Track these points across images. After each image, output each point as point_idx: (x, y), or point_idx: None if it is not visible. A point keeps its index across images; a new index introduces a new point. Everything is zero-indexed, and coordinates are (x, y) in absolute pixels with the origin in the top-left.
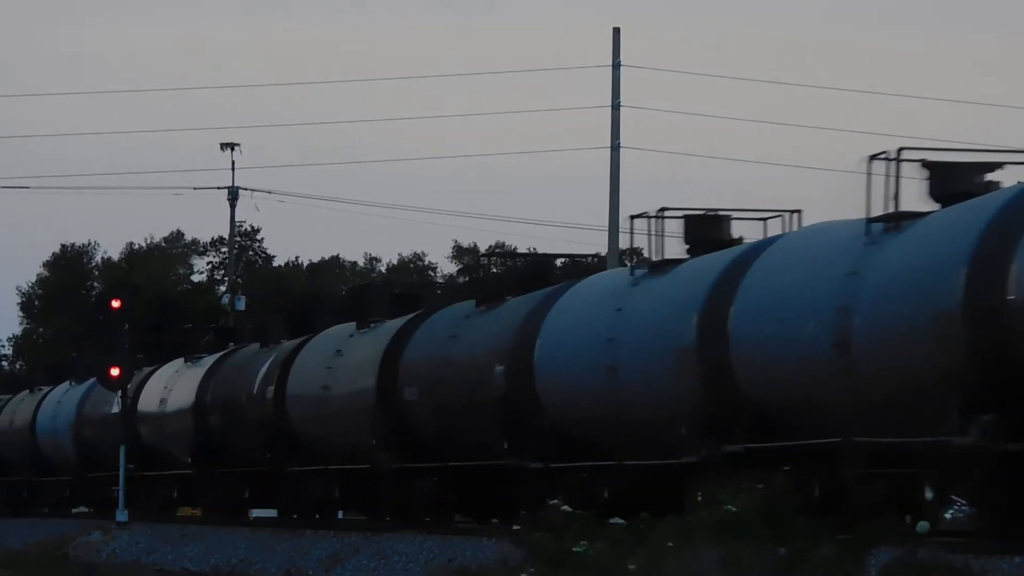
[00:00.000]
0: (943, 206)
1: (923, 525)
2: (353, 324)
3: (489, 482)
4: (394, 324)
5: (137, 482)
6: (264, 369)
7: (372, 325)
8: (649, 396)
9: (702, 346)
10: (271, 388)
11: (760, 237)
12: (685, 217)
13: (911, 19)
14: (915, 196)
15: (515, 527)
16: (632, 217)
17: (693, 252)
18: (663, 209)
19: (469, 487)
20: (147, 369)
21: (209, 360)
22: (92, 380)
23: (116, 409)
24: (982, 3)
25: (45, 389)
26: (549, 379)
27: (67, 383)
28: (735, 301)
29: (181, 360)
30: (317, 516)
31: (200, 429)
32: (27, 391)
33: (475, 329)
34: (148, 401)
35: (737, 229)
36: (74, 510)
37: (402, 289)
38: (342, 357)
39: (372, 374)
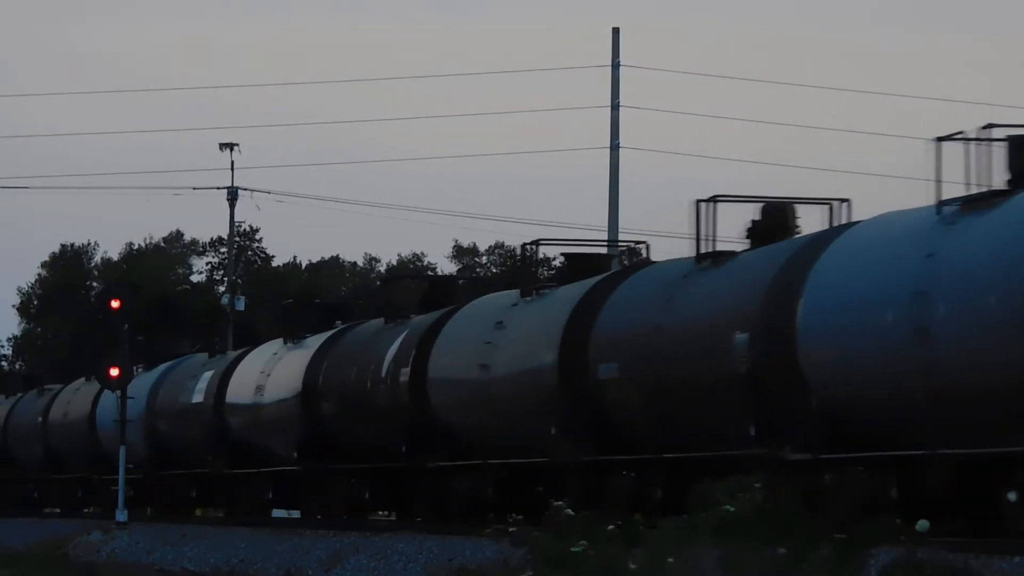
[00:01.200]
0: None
1: (923, 524)
2: (514, 292)
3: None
4: (576, 289)
5: (226, 480)
6: (395, 348)
7: (542, 292)
8: (977, 363)
9: None
10: (405, 370)
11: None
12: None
13: (911, 19)
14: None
15: (510, 528)
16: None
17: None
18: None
19: (686, 484)
20: (232, 353)
21: (317, 340)
22: (163, 367)
23: (199, 399)
24: (982, 3)
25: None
26: (819, 348)
27: (138, 368)
28: None
29: (279, 341)
30: (469, 522)
31: (309, 420)
32: (83, 379)
33: (700, 289)
34: (240, 390)
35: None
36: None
37: (572, 249)
38: (505, 330)
39: (551, 349)
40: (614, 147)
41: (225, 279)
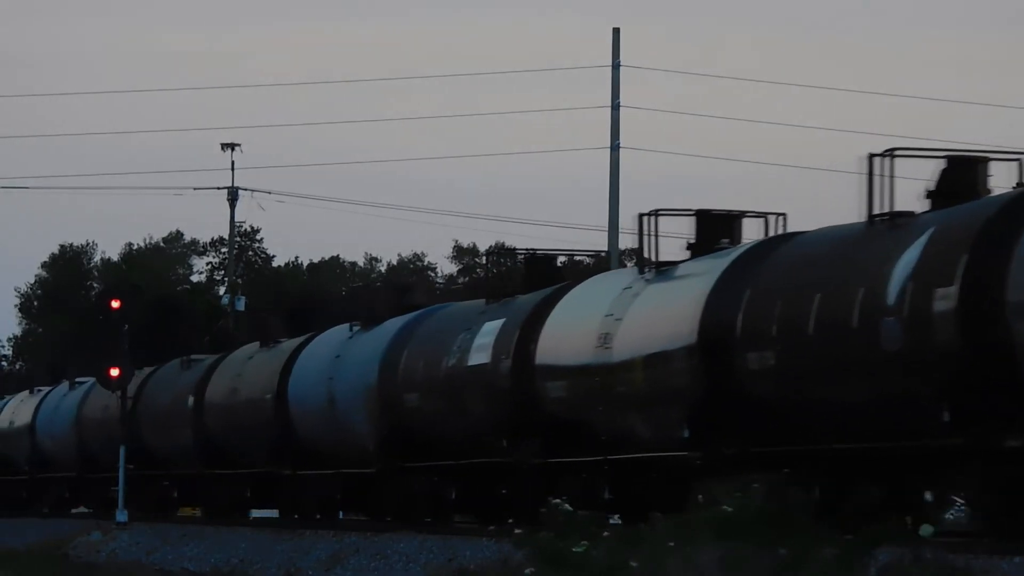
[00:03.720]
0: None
1: (926, 529)
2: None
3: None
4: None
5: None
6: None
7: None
8: None
9: None
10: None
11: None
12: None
13: (911, 19)
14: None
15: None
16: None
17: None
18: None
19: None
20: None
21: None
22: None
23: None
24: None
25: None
26: None
27: (176, 362)
28: None
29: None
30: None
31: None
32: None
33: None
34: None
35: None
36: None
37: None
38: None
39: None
40: (614, 147)
41: (225, 279)
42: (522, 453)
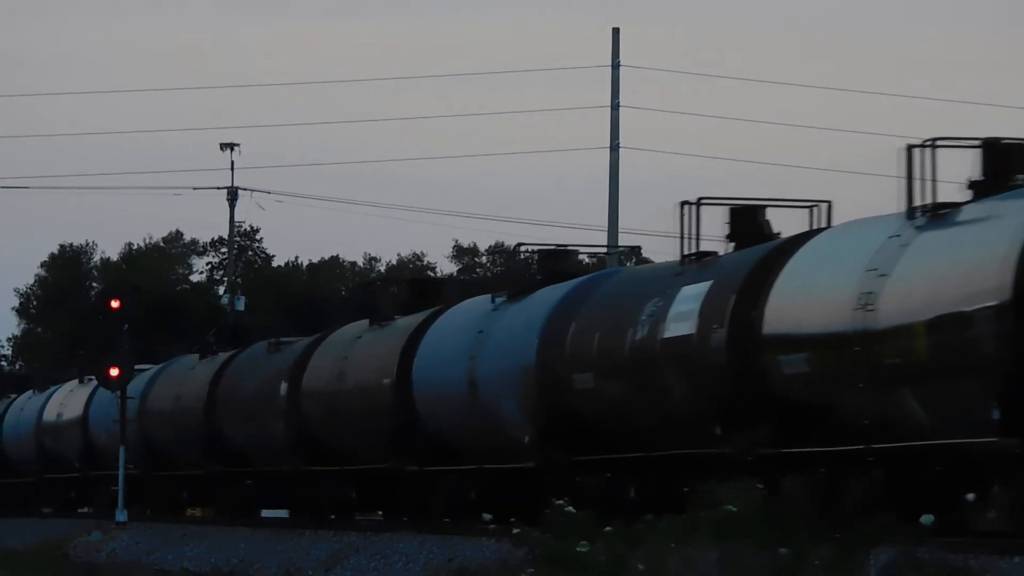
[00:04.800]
0: None
1: (927, 518)
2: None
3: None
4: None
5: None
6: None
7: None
8: None
9: None
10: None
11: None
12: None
13: (911, 19)
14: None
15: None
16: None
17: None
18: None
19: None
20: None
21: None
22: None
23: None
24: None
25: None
26: None
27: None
28: None
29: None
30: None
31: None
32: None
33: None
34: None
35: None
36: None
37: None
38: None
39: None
40: (614, 147)
41: (225, 279)
42: (742, 442)
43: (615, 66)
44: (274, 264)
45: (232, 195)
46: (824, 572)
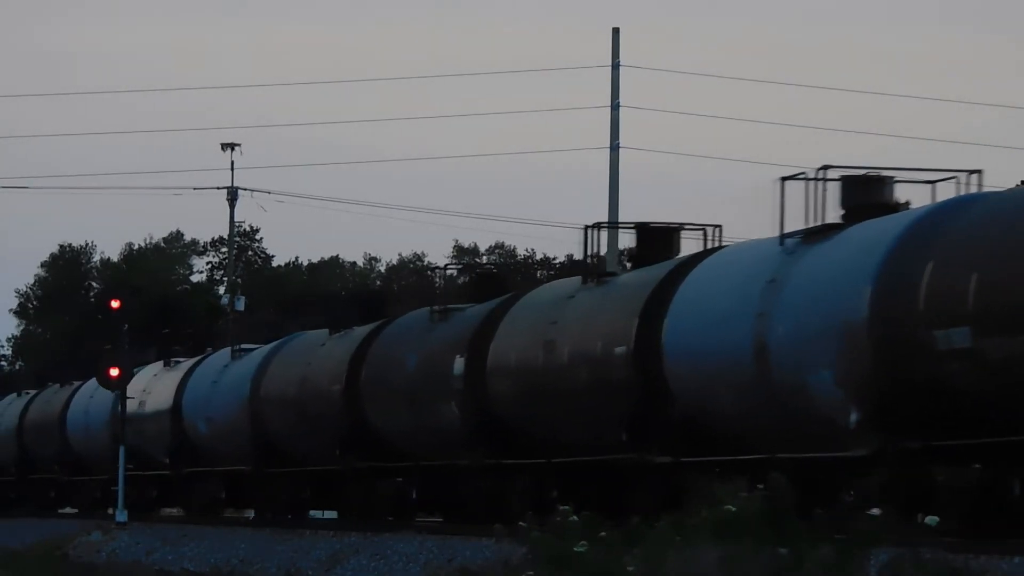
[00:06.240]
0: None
1: (932, 519)
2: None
3: None
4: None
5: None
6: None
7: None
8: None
9: None
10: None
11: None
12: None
13: (911, 19)
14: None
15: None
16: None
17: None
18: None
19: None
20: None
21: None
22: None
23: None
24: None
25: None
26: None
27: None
28: None
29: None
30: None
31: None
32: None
33: None
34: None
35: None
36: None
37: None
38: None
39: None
40: (614, 147)
41: (225, 279)
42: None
43: (615, 66)
44: (274, 264)
45: (232, 195)
46: (824, 572)
